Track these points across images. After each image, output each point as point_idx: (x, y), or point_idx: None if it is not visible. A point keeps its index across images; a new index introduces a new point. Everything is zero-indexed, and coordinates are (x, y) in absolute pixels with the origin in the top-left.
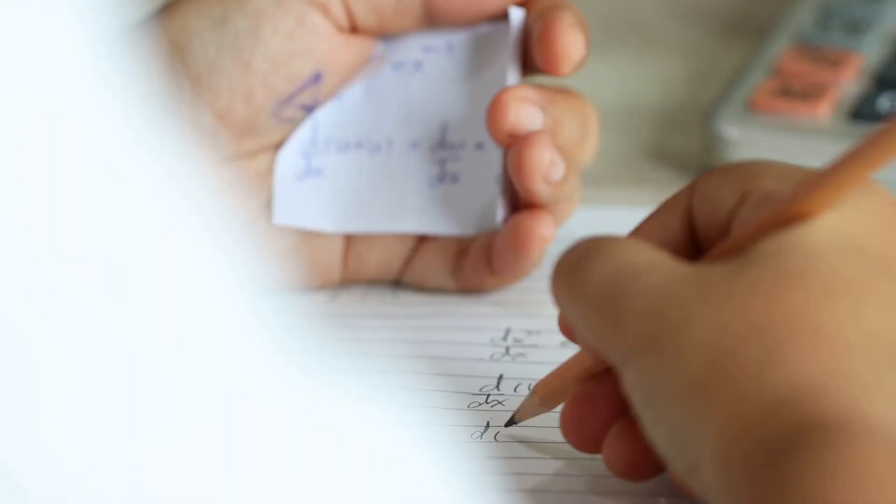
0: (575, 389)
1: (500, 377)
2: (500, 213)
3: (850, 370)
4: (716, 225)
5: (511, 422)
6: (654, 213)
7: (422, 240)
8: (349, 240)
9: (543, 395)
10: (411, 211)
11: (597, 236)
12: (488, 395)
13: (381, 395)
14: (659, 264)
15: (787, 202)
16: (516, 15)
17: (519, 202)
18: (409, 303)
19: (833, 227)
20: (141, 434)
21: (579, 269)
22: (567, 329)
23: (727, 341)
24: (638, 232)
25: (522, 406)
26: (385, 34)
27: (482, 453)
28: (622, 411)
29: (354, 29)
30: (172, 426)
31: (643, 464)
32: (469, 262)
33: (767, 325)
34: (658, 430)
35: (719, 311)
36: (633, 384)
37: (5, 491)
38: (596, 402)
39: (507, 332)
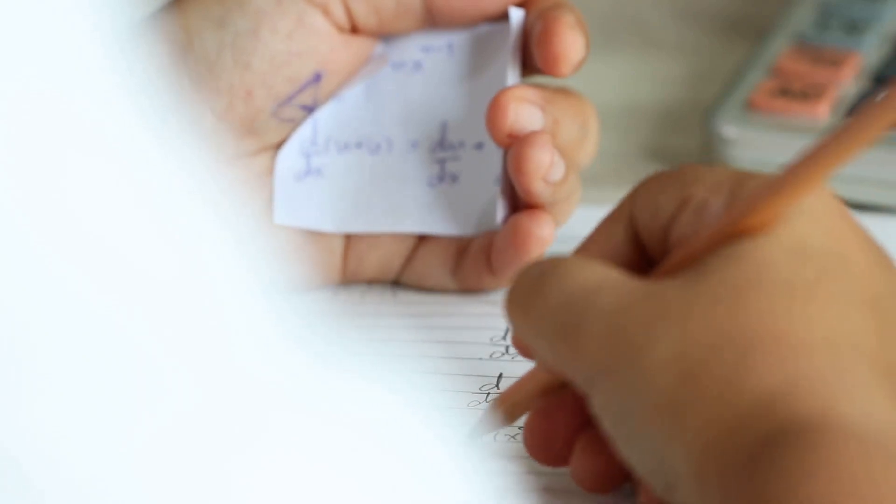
0: (535, 405)
1: (500, 376)
2: (499, 213)
3: (814, 372)
4: (656, 233)
5: (473, 435)
6: (600, 224)
7: (421, 240)
8: (349, 239)
9: (505, 409)
10: (411, 211)
11: (548, 258)
12: (488, 394)
13: (379, 395)
14: (611, 282)
15: (738, 215)
16: (516, 15)
17: (518, 202)
18: (409, 302)
19: (778, 232)
20: (148, 423)
21: (534, 294)
22: (521, 346)
23: (693, 355)
24: (585, 245)
25: (484, 420)
26: (385, 34)
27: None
28: (585, 424)
29: (354, 29)
30: (173, 419)
31: (613, 475)
32: (469, 262)
33: (730, 336)
34: (632, 451)
35: (680, 326)
36: (602, 406)
37: (12, 479)
38: (557, 417)
39: (507, 331)
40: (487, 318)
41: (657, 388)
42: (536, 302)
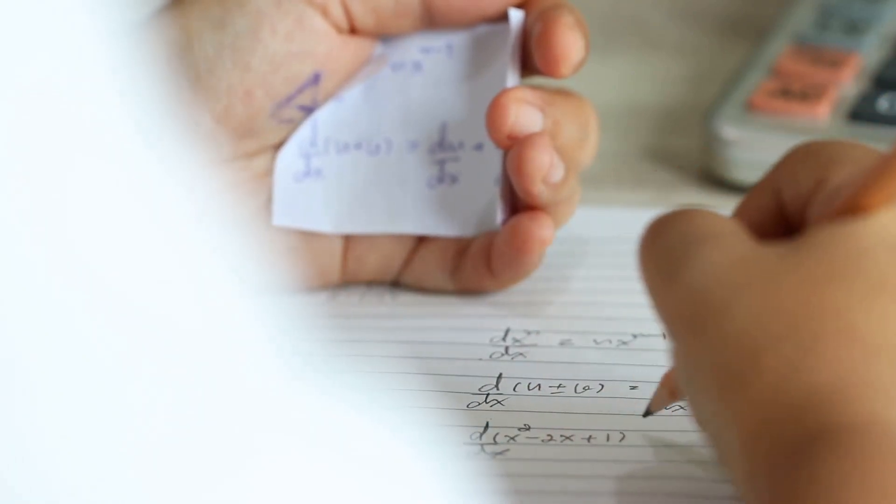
0: None
1: (500, 376)
2: (499, 214)
3: (877, 374)
4: (798, 209)
5: (647, 412)
6: (750, 193)
7: (421, 240)
8: (348, 240)
9: (672, 387)
10: (410, 212)
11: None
12: (487, 395)
13: (379, 396)
14: (725, 237)
15: (847, 194)
16: (516, 16)
17: (518, 203)
18: (409, 303)
19: (888, 224)
20: (132, 436)
21: (655, 232)
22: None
23: (762, 334)
24: (736, 213)
25: (654, 397)
26: (384, 35)
27: (480, 457)
28: None
29: (353, 30)
30: (164, 428)
31: None
32: (468, 264)
33: (803, 320)
34: (696, 412)
35: (760, 300)
36: (676, 359)
37: None
38: None
39: (507, 332)
40: (487, 319)
41: (725, 358)
42: (655, 240)
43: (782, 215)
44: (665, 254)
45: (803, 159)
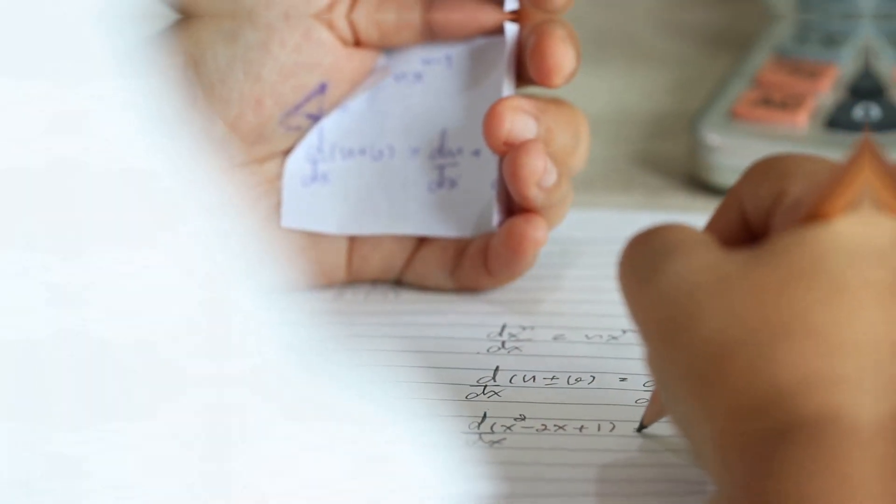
0: None
1: (497, 369)
2: (495, 216)
3: (841, 369)
4: (760, 221)
5: (641, 427)
6: (717, 210)
7: (422, 241)
8: (353, 241)
9: (659, 403)
10: (412, 214)
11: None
12: (485, 387)
13: (383, 388)
14: (695, 245)
15: (809, 204)
16: (511, 29)
17: (513, 206)
18: (411, 301)
19: (850, 230)
20: (144, 423)
21: (633, 241)
22: None
23: (731, 334)
24: (706, 229)
25: (646, 412)
26: (387, 47)
27: (478, 445)
28: None
29: (358, 42)
30: (173, 420)
31: None
32: (466, 263)
33: (768, 322)
34: (671, 410)
35: (727, 303)
36: (650, 363)
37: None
38: None
39: (503, 327)
40: (484, 315)
41: (695, 359)
42: (631, 252)
43: (747, 229)
44: (639, 263)
45: (761, 174)
